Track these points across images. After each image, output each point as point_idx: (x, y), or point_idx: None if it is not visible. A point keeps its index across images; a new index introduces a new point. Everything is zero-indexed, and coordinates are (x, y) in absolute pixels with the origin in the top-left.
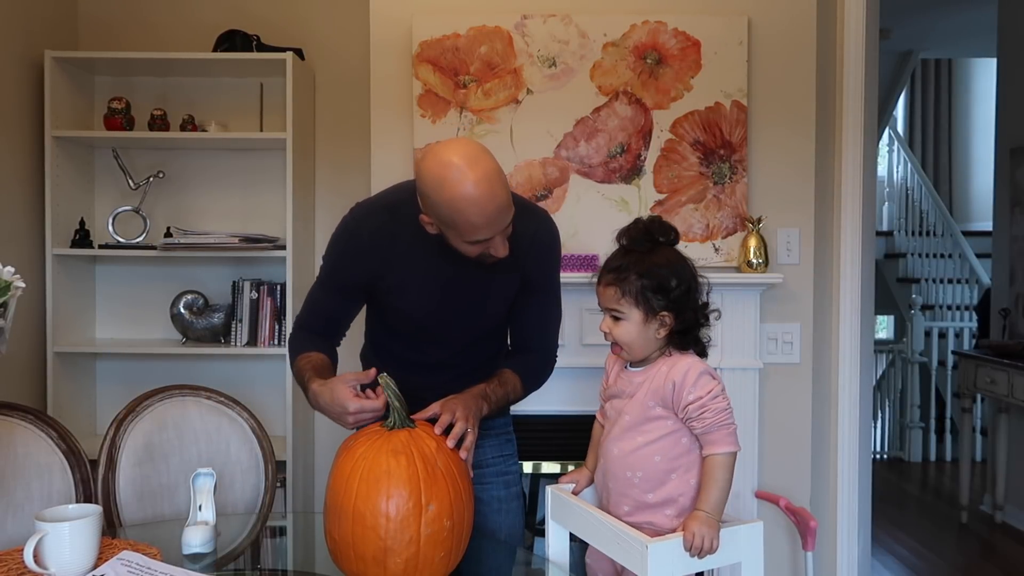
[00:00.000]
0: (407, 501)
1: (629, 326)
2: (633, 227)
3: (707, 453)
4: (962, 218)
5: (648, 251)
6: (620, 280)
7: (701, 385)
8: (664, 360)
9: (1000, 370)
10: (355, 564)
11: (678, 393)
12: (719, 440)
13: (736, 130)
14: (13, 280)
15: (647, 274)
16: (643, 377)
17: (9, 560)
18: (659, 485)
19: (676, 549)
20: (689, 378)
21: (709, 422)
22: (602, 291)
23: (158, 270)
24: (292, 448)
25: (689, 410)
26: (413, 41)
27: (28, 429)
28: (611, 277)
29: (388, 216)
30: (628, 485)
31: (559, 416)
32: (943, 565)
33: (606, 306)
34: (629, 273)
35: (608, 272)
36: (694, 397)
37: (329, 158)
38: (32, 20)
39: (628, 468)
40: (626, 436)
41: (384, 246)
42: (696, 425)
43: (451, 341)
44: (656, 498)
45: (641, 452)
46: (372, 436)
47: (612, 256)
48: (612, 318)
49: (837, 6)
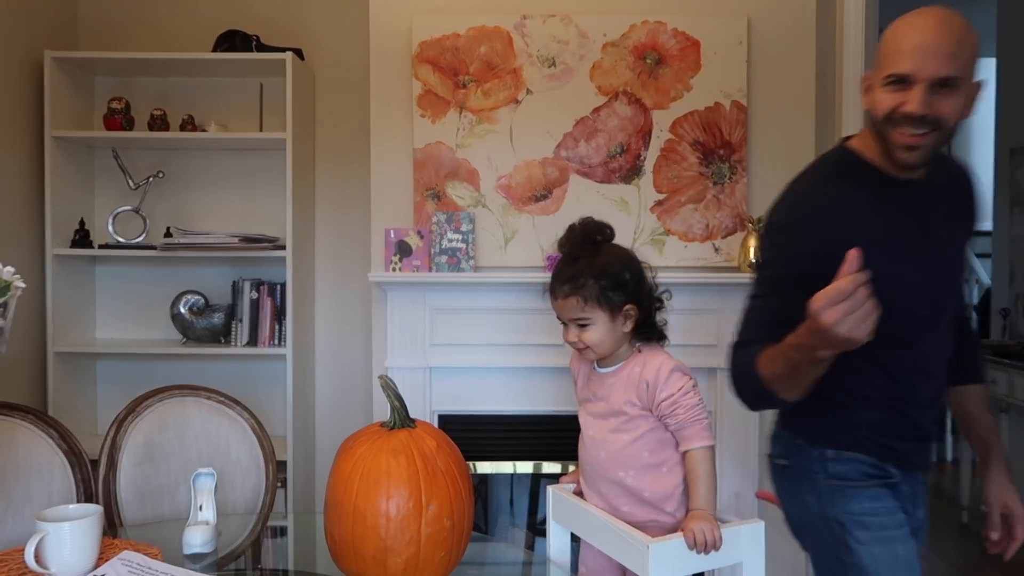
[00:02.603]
0: (407, 501)
1: (597, 329)
2: (571, 234)
3: (684, 449)
4: None
5: (593, 253)
6: (577, 289)
7: (672, 383)
8: (635, 359)
9: (1000, 370)
10: (355, 564)
11: (651, 392)
12: (694, 435)
13: (736, 130)
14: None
15: (602, 275)
16: (614, 378)
17: (10, 560)
18: (653, 481)
19: (678, 549)
20: (661, 376)
21: (682, 418)
22: (562, 304)
23: (158, 270)
24: (292, 448)
25: (662, 407)
26: (413, 41)
27: (29, 429)
28: (568, 288)
29: (839, 180)
30: (622, 486)
31: (559, 416)
32: (943, 565)
33: (570, 317)
34: (585, 279)
35: (563, 284)
36: (666, 395)
37: (329, 158)
38: (32, 20)
39: (619, 468)
40: (611, 438)
41: (849, 214)
42: (670, 422)
43: (941, 332)
44: (653, 495)
45: (628, 451)
46: (372, 436)
47: (559, 269)
48: (578, 326)
49: (837, 6)
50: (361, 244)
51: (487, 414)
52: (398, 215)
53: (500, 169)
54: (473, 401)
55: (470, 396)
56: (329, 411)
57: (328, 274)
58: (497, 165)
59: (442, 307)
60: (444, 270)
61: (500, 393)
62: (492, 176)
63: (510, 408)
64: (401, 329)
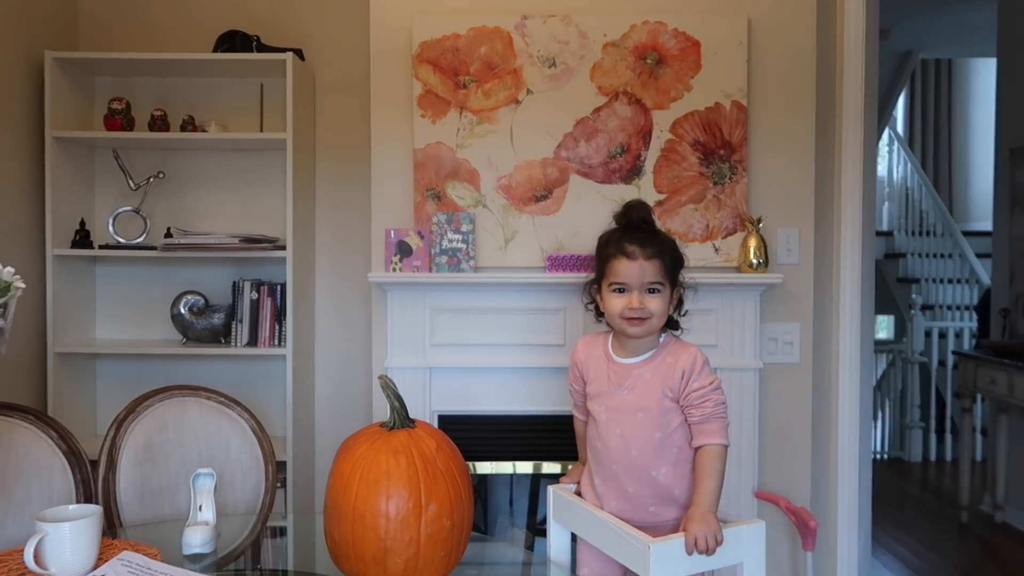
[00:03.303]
0: (407, 501)
1: (662, 300)
2: (641, 207)
3: (700, 443)
4: (962, 218)
5: (658, 230)
6: (661, 254)
7: (705, 375)
8: (666, 348)
9: (1000, 370)
10: (355, 564)
11: (685, 380)
12: (714, 431)
13: (736, 130)
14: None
15: (673, 252)
16: (643, 368)
17: (9, 560)
18: (683, 478)
19: (678, 549)
20: (696, 366)
21: (708, 412)
22: (642, 264)
23: (158, 270)
24: (292, 448)
25: (691, 397)
26: (413, 41)
27: (28, 429)
28: (652, 251)
29: None
30: (653, 485)
31: (559, 416)
32: (943, 565)
33: (647, 280)
34: (665, 248)
35: (647, 247)
36: (698, 385)
37: (329, 158)
38: (32, 20)
39: (652, 467)
40: (643, 434)
41: None
42: (694, 413)
43: None
44: (682, 492)
45: (663, 449)
46: (372, 436)
47: (634, 233)
48: (648, 292)
49: (837, 6)
50: (361, 244)
51: (487, 414)
52: (398, 215)
53: (500, 169)
54: (473, 401)
55: (470, 396)
56: (329, 411)
57: (328, 274)
58: (497, 165)
59: (442, 307)
60: (444, 270)
61: (500, 393)
62: (492, 176)
63: (510, 408)
64: (401, 329)
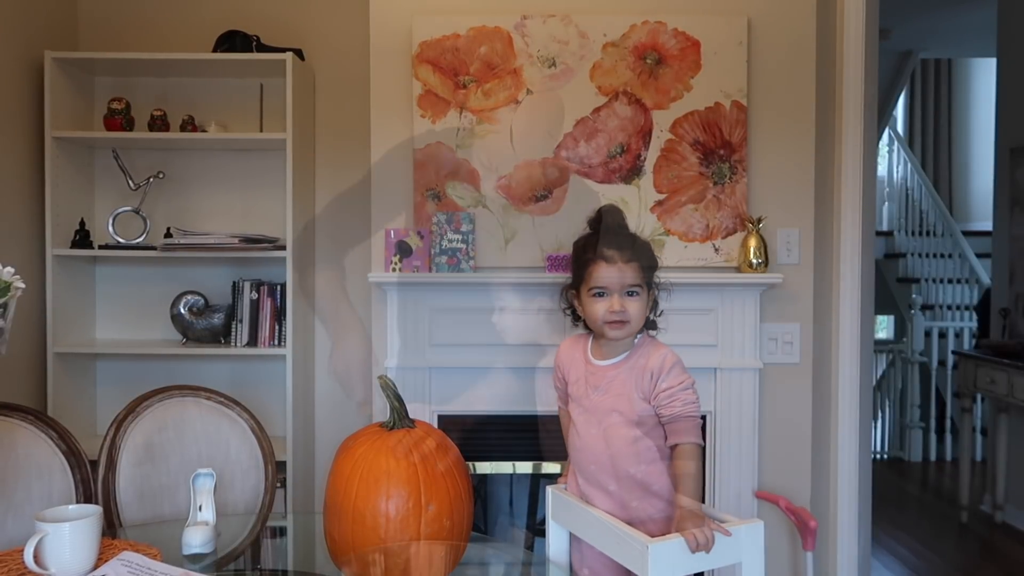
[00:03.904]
0: (407, 501)
1: (641, 302)
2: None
3: (674, 442)
4: (962, 218)
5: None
6: (638, 257)
7: (674, 375)
8: (639, 349)
9: (1000, 370)
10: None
11: (654, 380)
12: (685, 430)
13: (736, 130)
14: (13, 280)
15: (650, 255)
16: (617, 370)
17: (9, 561)
18: (660, 475)
19: (677, 549)
20: (665, 366)
21: (677, 411)
22: (621, 268)
23: (158, 271)
24: (292, 448)
25: (660, 397)
26: (413, 41)
27: (28, 430)
28: (630, 254)
29: None
30: (633, 481)
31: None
32: (943, 565)
33: (626, 283)
34: (642, 252)
35: (625, 251)
36: (667, 385)
37: (329, 158)
38: (32, 20)
39: (630, 465)
40: (618, 433)
41: None
42: (664, 413)
43: None
44: (662, 487)
45: (639, 446)
46: (372, 436)
47: (612, 238)
48: (627, 295)
49: (837, 6)
50: (361, 244)
51: (487, 414)
52: (398, 215)
53: (500, 169)
54: (473, 401)
55: (470, 396)
56: (329, 411)
57: (328, 274)
58: (497, 165)
59: (442, 307)
60: (444, 270)
61: (500, 393)
62: (492, 176)
63: (510, 408)
64: (401, 329)
